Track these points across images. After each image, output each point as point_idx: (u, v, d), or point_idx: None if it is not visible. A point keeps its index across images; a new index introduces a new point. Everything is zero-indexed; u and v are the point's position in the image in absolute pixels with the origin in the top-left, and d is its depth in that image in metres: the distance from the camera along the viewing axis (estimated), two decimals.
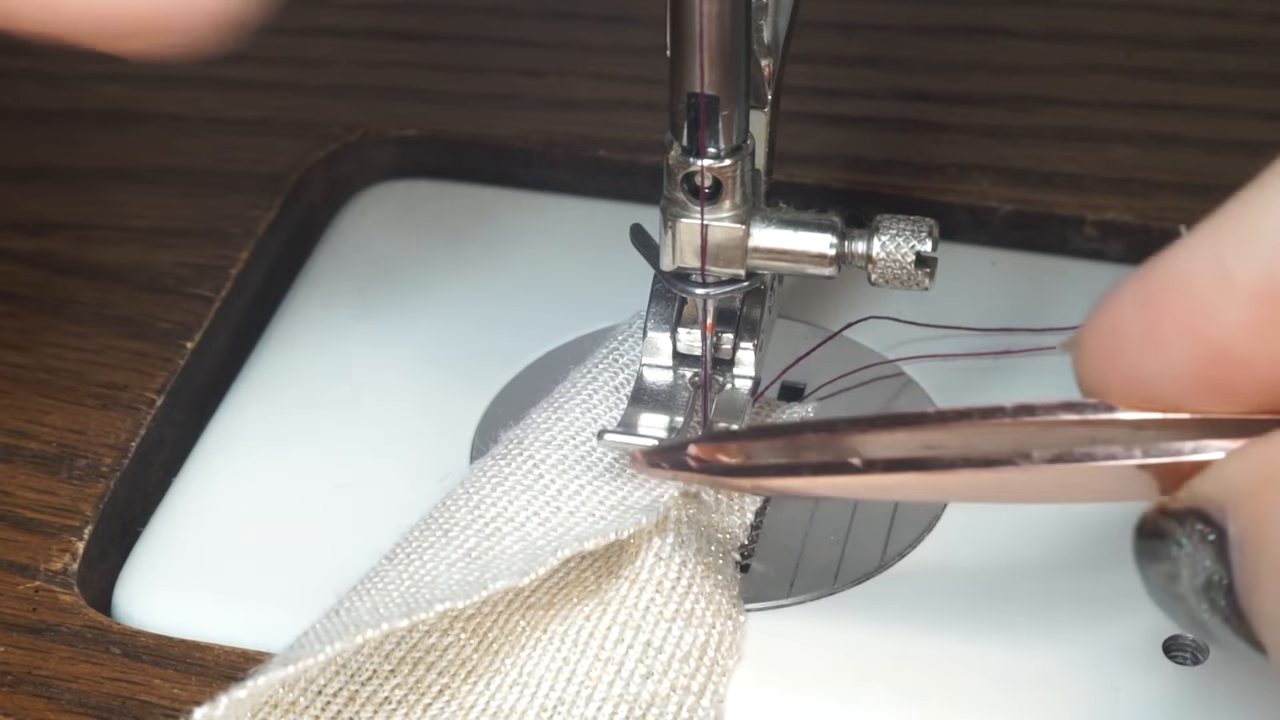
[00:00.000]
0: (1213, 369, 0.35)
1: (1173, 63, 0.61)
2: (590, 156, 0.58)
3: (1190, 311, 0.35)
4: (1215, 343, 0.35)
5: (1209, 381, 0.35)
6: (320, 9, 0.65)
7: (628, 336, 0.49)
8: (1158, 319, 0.35)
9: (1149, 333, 0.35)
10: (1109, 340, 0.36)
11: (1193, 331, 0.35)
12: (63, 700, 0.44)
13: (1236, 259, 0.34)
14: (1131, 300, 0.36)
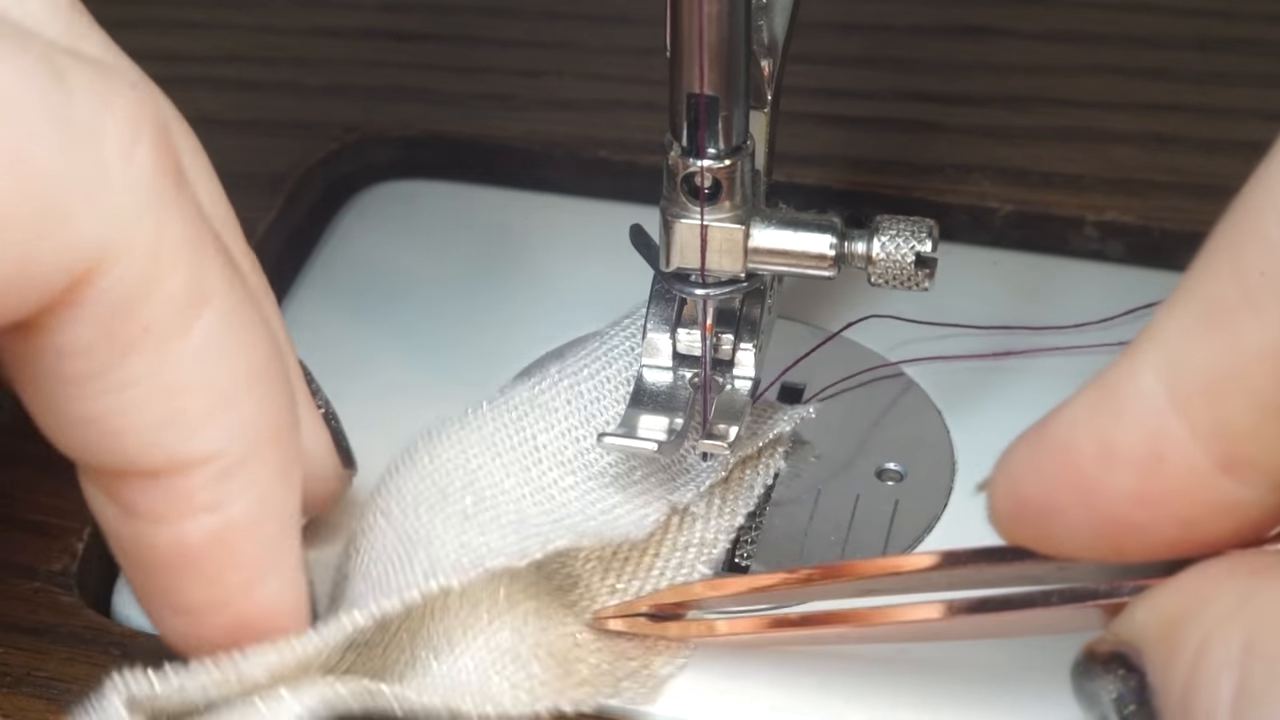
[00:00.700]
0: (1109, 533, 0.36)
1: (1173, 63, 0.61)
2: (590, 157, 0.58)
3: (1080, 484, 0.36)
4: (1111, 514, 0.36)
5: (1109, 542, 0.36)
6: (320, 9, 0.65)
7: (629, 326, 0.49)
8: (1052, 489, 0.36)
9: (1046, 500, 0.37)
10: (1013, 502, 0.37)
11: (1085, 502, 0.36)
12: (62, 701, 0.44)
13: (1116, 432, 0.35)
14: (1027, 466, 0.37)
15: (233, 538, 0.38)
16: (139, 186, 0.36)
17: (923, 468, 0.48)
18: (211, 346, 0.37)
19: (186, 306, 0.36)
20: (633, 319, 0.49)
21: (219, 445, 0.37)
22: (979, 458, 0.48)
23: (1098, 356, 0.51)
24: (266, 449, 0.38)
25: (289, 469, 0.39)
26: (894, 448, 0.49)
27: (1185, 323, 0.35)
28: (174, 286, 0.36)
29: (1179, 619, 0.36)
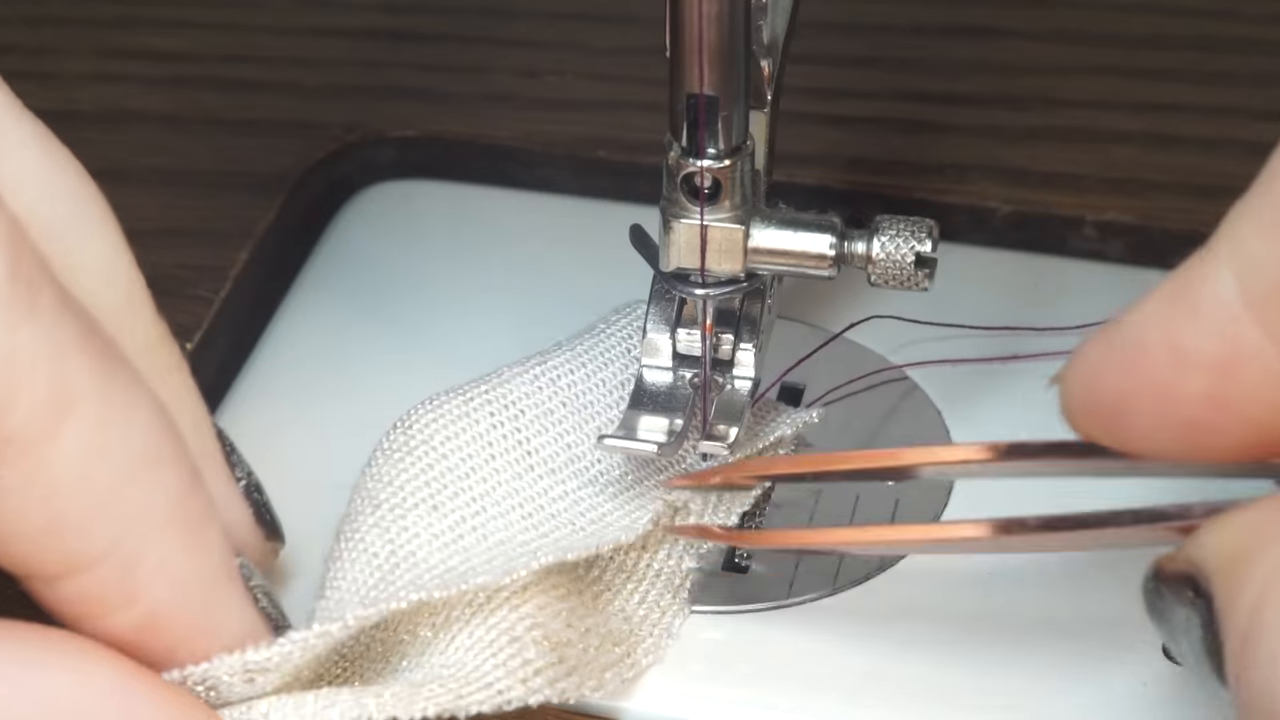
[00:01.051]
0: (1182, 433, 0.36)
1: (1173, 63, 0.61)
2: (590, 157, 0.58)
3: (1152, 384, 0.36)
4: (1183, 415, 0.35)
5: (1182, 443, 0.36)
6: (320, 9, 0.65)
7: (624, 326, 0.49)
8: (1124, 388, 0.36)
9: (1118, 398, 0.36)
10: (1085, 398, 0.37)
11: (1160, 405, 0.36)
12: None
13: (1189, 334, 0.35)
14: (1101, 363, 0.37)
15: (160, 622, 0.38)
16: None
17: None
18: (85, 448, 0.37)
19: (51, 413, 0.36)
20: (627, 317, 0.49)
21: (111, 540, 0.37)
22: None
23: None
24: (167, 530, 0.38)
25: (201, 537, 0.39)
26: (894, 448, 0.49)
27: (1260, 224, 0.34)
28: (34, 396, 0.36)
29: (1243, 554, 0.35)
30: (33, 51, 0.63)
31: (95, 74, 0.61)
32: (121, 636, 0.38)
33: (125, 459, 0.37)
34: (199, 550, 0.39)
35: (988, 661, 0.44)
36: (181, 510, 0.38)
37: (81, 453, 0.37)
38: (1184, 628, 0.37)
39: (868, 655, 0.44)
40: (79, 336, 0.37)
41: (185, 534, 0.38)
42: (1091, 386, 0.37)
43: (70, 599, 0.38)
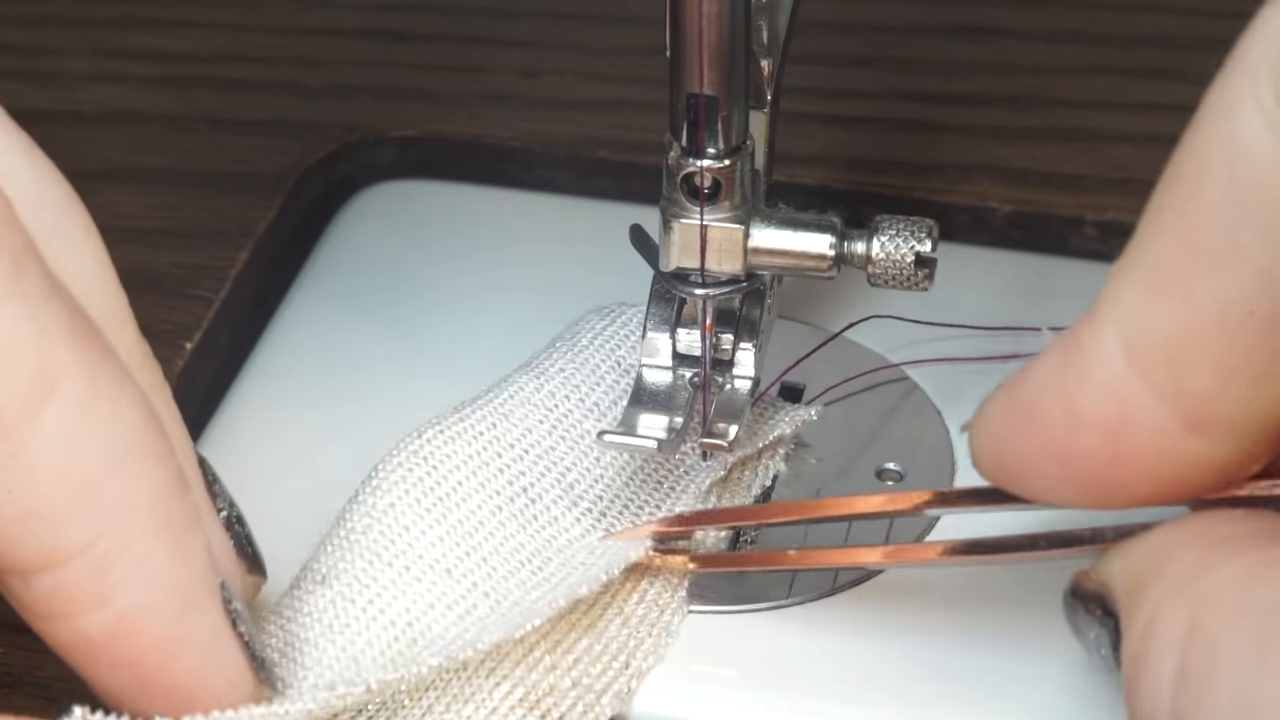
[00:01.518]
0: (1086, 488, 0.37)
1: (1173, 63, 0.61)
2: (590, 157, 0.58)
3: (1052, 446, 0.36)
4: (1084, 472, 0.36)
5: (1090, 497, 0.37)
6: (320, 9, 0.65)
7: (611, 335, 0.49)
8: (1026, 450, 0.37)
9: (1022, 459, 0.37)
10: (992, 458, 0.38)
11: (1061, 465, 0.36)
12: (62, 701, 0.43)
13: (1082, 396, 0.36)
14: (1002, 427, 0.37)
15: (131, 627, 0.38)
16: None
17: (922, 468, 0.48)
18: (66, 433, 0.36)
19: (32, 393, 0.35)
20: (612, 325, 0.49)
21: (90, 534, 0.37)
22: None
23: None
24: (148, 530, 0.37)
25: (182, 542, 0.38)
26: (894, 448, 0.49)
27: (1139, 288, 0.35)
28: (15, 373, 0.35)
29: (1140, 580, 0.36)
30: (33, 51, 0.63)
31: (95, 74, 0.61)
32: (91, 639, 0.38)
33: (108, 448, 0.36)
34: (179, 555, 0.38)
35: (988, 661, 0.44)
36: (164, 510, 0.37)
37: (62, 437, 0.36)
38: (1095, 644, 0.38)
39: (867, 655, 0.44)
40: (65, 318, 0.36)
41: (166, 536, 0.37)
42: (996, 448, 0.38)
43: (42, 595, 0.37)
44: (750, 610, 0.45)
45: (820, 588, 0.46)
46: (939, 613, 0.45)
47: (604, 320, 0.49)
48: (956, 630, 0.44)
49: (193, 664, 0.39)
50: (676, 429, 0.45)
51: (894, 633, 0.44)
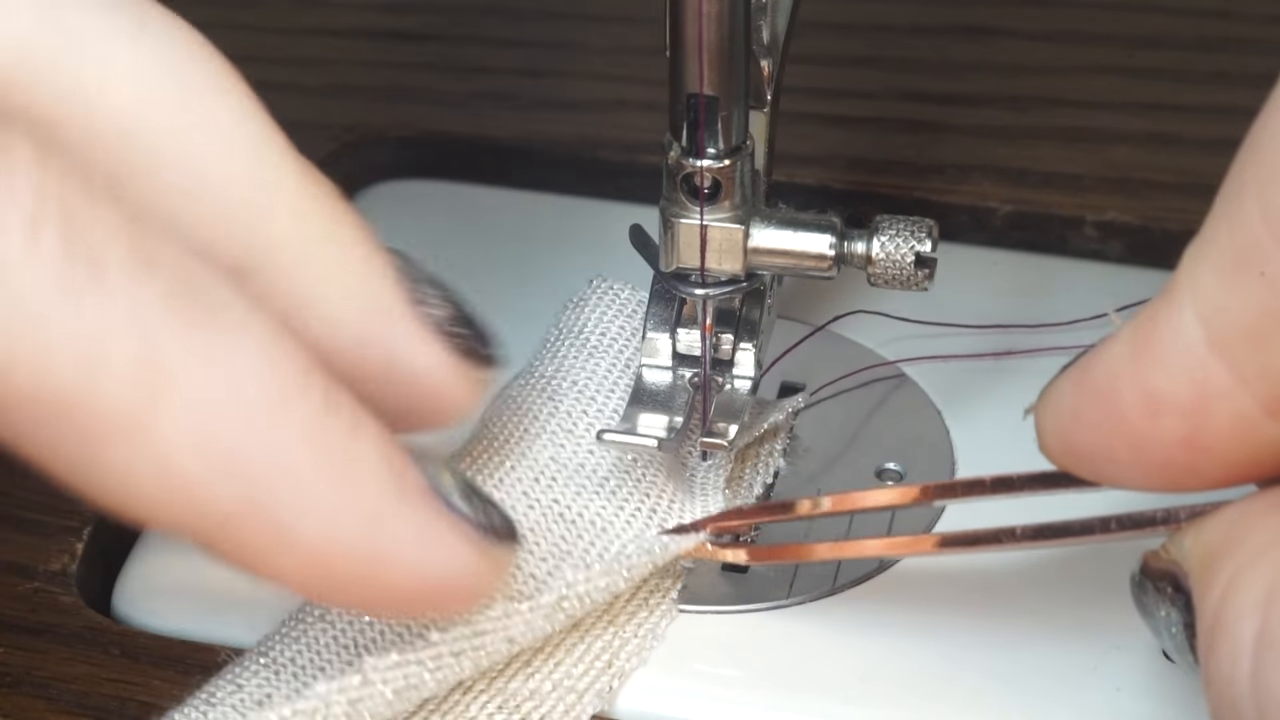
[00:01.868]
0: (1159, 473, 0.36)
1: (1173, 63, 0.61)
2: (589, 157, 0.58)
3: (1126, 432, 0.36)
4: (1158, 457, 0.36)
5: (1160, 481, 0.36)
6: (320, 9, 0.65)
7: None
8: (1098, 436, 0.36)
9: (1093, 444, 0.36)
10: (1060, 442, 0.37)
11: (1135, 450, 0.36)
12: (62, 701, 0.44)
13: (1159, 381, 0.35)
14: (1071, 412, 0.37)
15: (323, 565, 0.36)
16: (43, 284, 0.34)
17: (922, 467, 0.48)
18: (189, 419, 0.35)
19: (143, 391, 0.34)
20: (614, 331, 0.49)
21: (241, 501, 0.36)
22: (978, 457, 0.48)
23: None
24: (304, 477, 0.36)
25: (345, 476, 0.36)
26: (893, 447, 0.49)
27: (1219, 268, 0.34)
28: (118, 377, 0.34)
29: (1216, 552, 0.35)
30: None
31: None
32: (292, 577, 0.37)
33: (238, 418, 0.35)
34: (344, 487, 0.36)
35: (988, 661, 0.44)
36: (313, 450, 0.36)
37: (186, 425, 0.35)
38: (1166, 623, 0.37)
39: (867, 655, 0.44)
40: (165, 295, 0.35)
41: (323, 475, 0.36)
42: (1065, 430, 0.37)
43: (227, 551, 0.36)
44: (750, 610, 0.45)
45: (821, 587, 0.46)
46: (939, 612, 0.45)
47: (606, 309, 0.49)
48: (957, 630, 0.44)
49: (406, 569, 0.37)
50: (676, 428, 0.45)
51: (894, 632, 0.44)
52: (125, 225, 0.35)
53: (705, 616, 0.45)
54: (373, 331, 0.40)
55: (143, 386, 0.34)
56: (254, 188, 0.39)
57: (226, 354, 0.35)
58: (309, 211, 0.39)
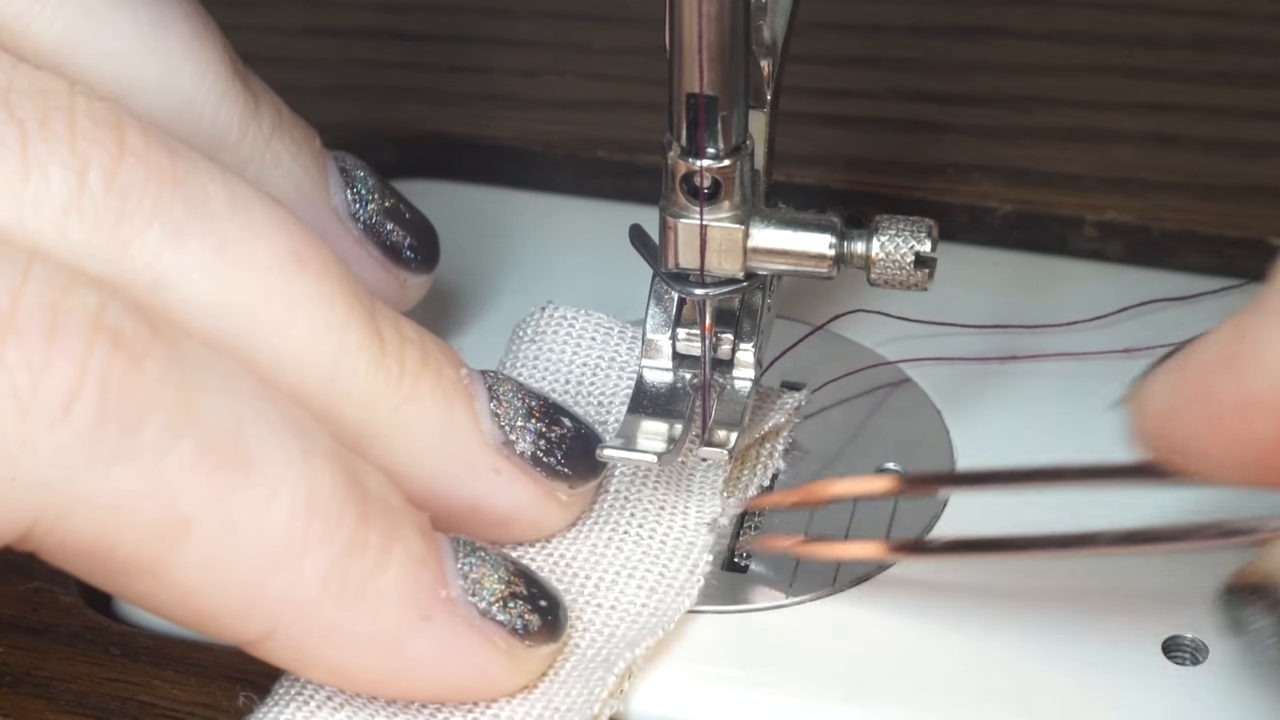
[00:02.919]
0: (1254, 470, 0.36)
1: (1172, 63, 0.61)
2: (589, 157, 0.58)
3: (1222, 429, 0.36)
4: (1251, 455, 0.36)
5: (1254, 477, 0.36)
6: (320, 9, 0.65)
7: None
8: (1193, 431, 0.36)
9: (1187, 439, 0.37)
10: (1155, 436, 0.38)
11: (1228, 445, 0.36)
12: (62, 701, 0.44)
13: (1257, 383, 0.35)
14: (1167, 407, 0.37)
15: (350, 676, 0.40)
16: (71, 452, 0.35)
17: (922, 467, 0.48)
18: (207, 562, 0.37)
19: (161, 541, 0.37)
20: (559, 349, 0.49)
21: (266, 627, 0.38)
22: (978, 457, 0.48)
23: (1098, 356, 0.51)
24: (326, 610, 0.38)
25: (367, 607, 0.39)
26: (893, 447, 0.49)
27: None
28: (139, 530, 0.36)
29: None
30: None
31: None
32: (321, 681, 0.40)
33: (257, 564, 0.38)
34: (363, 618, 0.39)
35: (988, 661, 0.44)
36: (333, 589, 0.38)
37: (205, 569, 0.37)
38: (1258, 635, 0.37)
39: (867, 655, 0.44)
40: (196, 452, 0.37)
41: (343, 610, 0.38)
42: (1161, 424, 0.37)
43: (263, 658, 0.39)
44: (750, 610, 0.45)
45: (820, 588, 0.46)
46: (940, 613, 0.45)
47: (570, 345, 0.49)
48: (957, 630, 0.44)
49: (429, 679, 0.40)
50: (676, 437, 0.45)
51: (895, 632, 0.44)
52: (171, 381, 0.37)
53: (706, 616, 0.45)
54: (455, 485, 0.42)
55: (163, 537, 0.37)
56: (327, 385, 0.41)
57: (251, 506, 0.37)
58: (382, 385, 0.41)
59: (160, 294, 0.39)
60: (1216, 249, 0.55)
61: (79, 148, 0.38)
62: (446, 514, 0.42)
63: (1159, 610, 0.44)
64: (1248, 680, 0.43)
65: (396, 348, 0.42)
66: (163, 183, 0.39)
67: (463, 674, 0.40)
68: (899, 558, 0.45)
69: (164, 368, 0.37)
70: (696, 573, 0.45)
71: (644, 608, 0.44)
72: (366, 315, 0.41)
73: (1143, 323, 0.52)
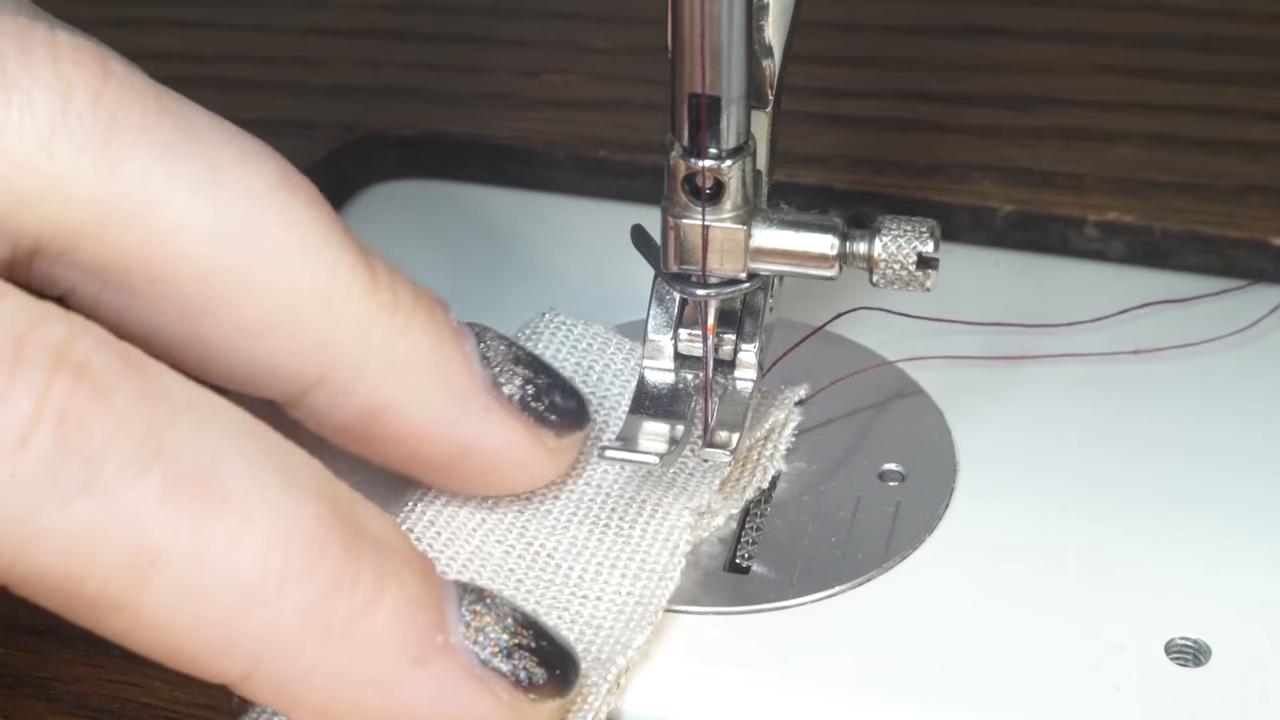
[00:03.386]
0: None
1: (1174, 63, 0.61)
2: (591, 157, 0.58)
3: None
4: None
5: None
6: (320, 9, 0.65)
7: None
8: None
9: None
10: None
11: None
12: (63, 702, 0.44)
13: None
14: None
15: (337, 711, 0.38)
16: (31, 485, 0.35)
17: (925, 469, 0.48)
18: (178, 597, 0.36)
19: (128, 575, 0.36)
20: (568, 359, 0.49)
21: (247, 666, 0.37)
22: (981, 458, 0.48)
23: (1100, 357, 0.51)
24: (308, 647, 0.37)
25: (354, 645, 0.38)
26: (896, 448, 0.49)
27: None
28: (105, 564, 0.36)
29: None
30: None
31: None
32: (312, 714, 0.38)
33: (231, 600, 0.37)
34: (350, 658, 0.38)
35: (988, 661, 0.44)
36: (315, 627, 0.37)
37: (176, 605, 0.36)
38: None
39: (868, 656, 0.44)
40: (164, 485, 0.36)
41: (327, 648, 0.37)
42: None
43: (248, 697, 0.38)
44: (750, 611, 0.45)
45: (821, 588, 0.45)
46: (940, 613, 0.45)
47: (565, 349, 0.49)
48: (957, 631, 0.44)
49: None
50: (678, 438, 0.45)
51: (895, 633, 0.44)
52: (139, 415, 0.36)
53: (706, 617, 0.45)
54: (446, 423, 0.42)
55: (131, 571, 0.36)
56: (322, 306, 0.40)
57: (223, 541, 0.36)
58: (375, 318, 0.41)
59: (150, 218, 0.38)
60: (1218, 249, 0.55)
61: (63, 71, 0.38)
62: (439, 455, 0.42)
63: (1161, 610, 0.44)
64: (1249, 681, 0.43)
65: (389, 281, 0.41)
66: (148, 107, 0.39)
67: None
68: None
69: (133, 401, 0.36)
70: (677, 554, 0.45)
71: (629, 596, 0.44)
72: (358, 247, 0.41)
73: (1144, 323, 0.52)
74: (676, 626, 0.45)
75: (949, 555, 0.46)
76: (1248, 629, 0.44)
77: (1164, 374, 0.51)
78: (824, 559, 0.46)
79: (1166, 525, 0.46)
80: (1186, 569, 0.45)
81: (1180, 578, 0.45)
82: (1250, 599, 0.45)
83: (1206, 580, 0.45)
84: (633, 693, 0.43)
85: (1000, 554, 0.46)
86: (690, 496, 0.46)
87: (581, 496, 0.46)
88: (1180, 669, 0.43)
